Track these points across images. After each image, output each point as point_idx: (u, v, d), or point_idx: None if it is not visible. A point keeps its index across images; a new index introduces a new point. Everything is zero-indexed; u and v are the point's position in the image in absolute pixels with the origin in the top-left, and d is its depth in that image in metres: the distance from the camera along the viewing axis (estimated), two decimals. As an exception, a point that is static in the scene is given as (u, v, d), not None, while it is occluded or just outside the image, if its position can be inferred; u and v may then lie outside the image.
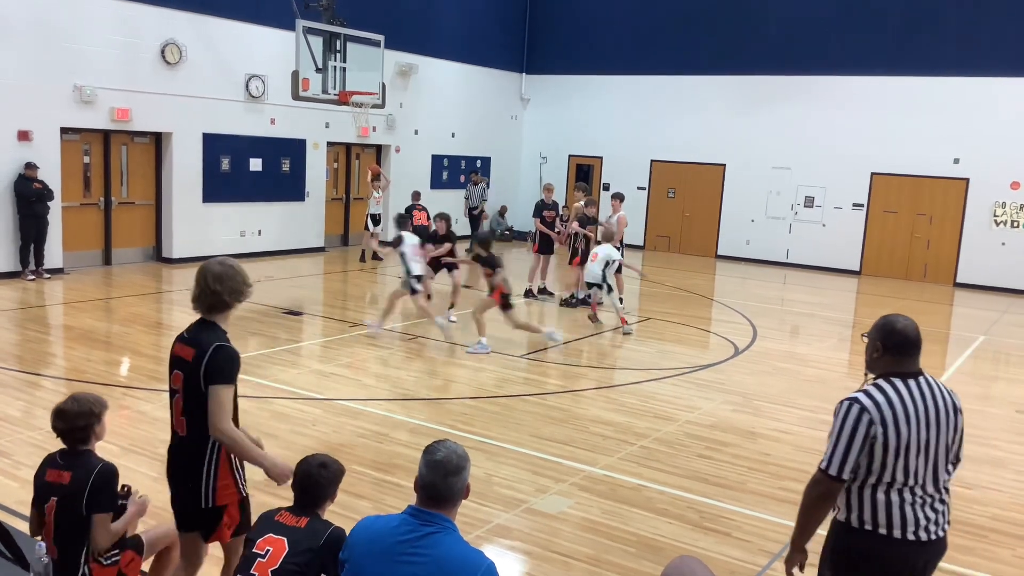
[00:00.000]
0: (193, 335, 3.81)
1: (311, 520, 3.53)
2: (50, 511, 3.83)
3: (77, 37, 13.80)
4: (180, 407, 3.81)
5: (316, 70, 13.81)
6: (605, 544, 5.38)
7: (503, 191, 23.55)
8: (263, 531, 3.51)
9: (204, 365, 3.69)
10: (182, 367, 3.78)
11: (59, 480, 3.83)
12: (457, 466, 2.97)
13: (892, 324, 3.43)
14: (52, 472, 3.88)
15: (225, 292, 3.81)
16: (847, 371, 10.52)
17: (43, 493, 3.88)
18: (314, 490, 3.60)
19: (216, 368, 3.69)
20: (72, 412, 3.89)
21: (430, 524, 2.92)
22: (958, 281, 18.61)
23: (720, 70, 20.73)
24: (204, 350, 3.71)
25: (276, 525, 3.52)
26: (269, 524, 3.54)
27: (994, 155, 17.86)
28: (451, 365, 9.67)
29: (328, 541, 3.43)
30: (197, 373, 3.70)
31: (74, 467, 3.84)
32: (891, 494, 3.33)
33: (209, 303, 3.82)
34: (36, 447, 6.47)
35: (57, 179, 13.77)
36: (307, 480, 3.61)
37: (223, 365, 3.71)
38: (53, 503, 3.82)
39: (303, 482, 3.62)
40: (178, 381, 3.81)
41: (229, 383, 3.73)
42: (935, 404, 3.36)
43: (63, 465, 3.87)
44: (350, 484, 5.98)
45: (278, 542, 3.43)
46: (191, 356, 3.75)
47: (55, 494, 3.82)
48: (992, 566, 5.42)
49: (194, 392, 3.73)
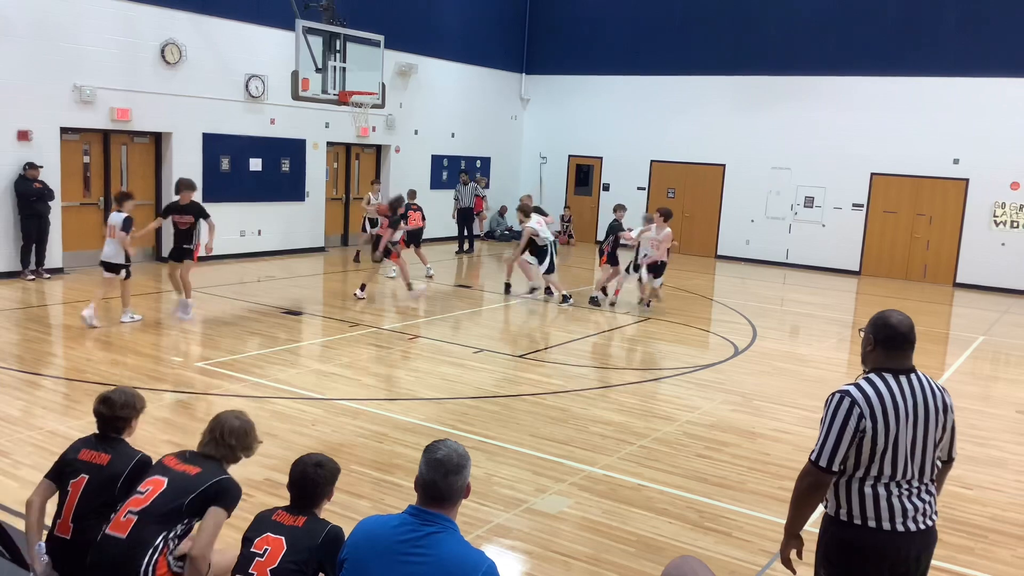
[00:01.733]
0: (194, 460, 3.86)
1: (308, 519, 3.53)
2: (76, 487, 3.91)
3: (77, 37, 13.80)
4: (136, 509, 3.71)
5: (316, 70, 13.80)
6: (605, 544, 5.37)
7: (503, 191, 23.55)
8: (260, 530, 3.51)
9: (212, 484, 3.73)
10: (167, 473, 3.78)
11: (95, 460, 3.96)
12: (458, 465, 2.96)
13: (885, 319, 3.46)
14: (88, 452, 4.00)
15: (239, 448, 3.92)
16: (847, 371, 10.52)
17: (72, 469, 3.97)
18: (311, 490, 3.61)
19: (226, 493, 3.76)
20: (119, 402, 4.09)
21: (431, 524, 2.91)
22: (958, 281, 18.61)
23: (720, 70, 20.73)
24: (214, 473, 3.78)
25: (273, 524, 3.52)
26: (266, 523, 3.54)
27: (994, 155, 17.86)
28: (450, 364, 9.66)
29: (326, 540, 3.44)
30: (194, 487, 3.72)
31: (113, 452, 4.00)
32: (878, 487, 3.36)
33: (221, 454, 3.89)
34: (36, 447, 6.47)
35: (57, 179, 13.77)
36: (303, 480, 3.61)
37: (234, 493, 3.79)
38: (83, 480, 3.91)
39: (300, 482, 3.62)
40: (156, 485, 3.76)
41: (229, 512, 3.79)
42: (925, 401, 3.39)
43: (102, 448, 4.02)
44: (350, 484, 5.99)
45: (276, 541, 3.44)
46: (194, 472, 3.78)
47: (88, 472, 3.93)
48: (992, 566, 5.42)
49: (168, 502, 3.69)
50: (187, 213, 10.90)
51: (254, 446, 3.98)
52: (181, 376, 8.67)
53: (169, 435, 7.05)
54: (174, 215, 10.96)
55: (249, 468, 6.26)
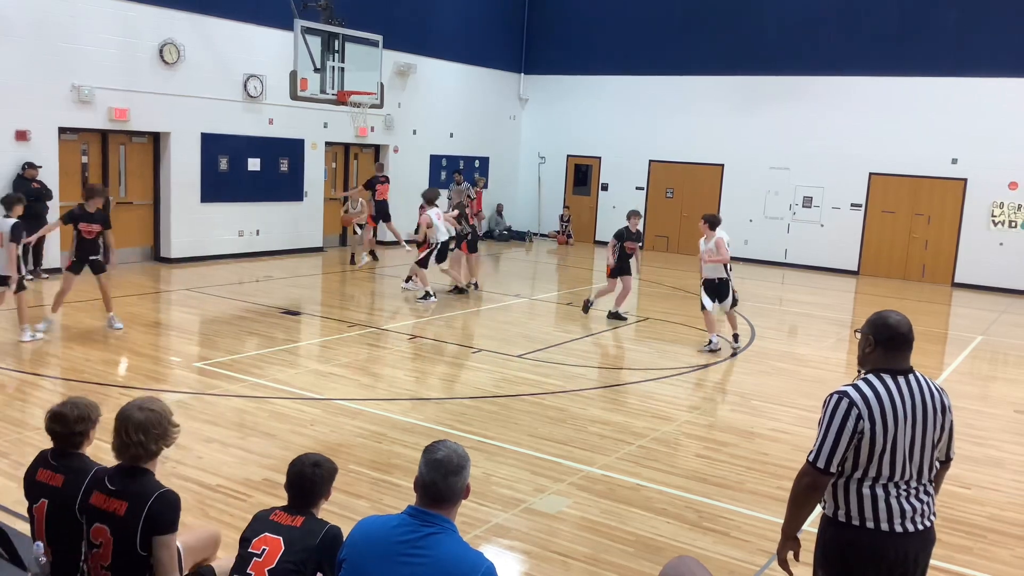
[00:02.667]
0: (121, 486, 3.48)
1: (307, 519, 3.52)
2: (40, 512, 3.78)
3: (75, 37, 13.79)
4: (104, 564, 3.50)
5: (314, 70, 13.80)
6: (604, 544, 5.38)
7: (501, 191, 23.56)
8: (258, 530, 3.49)
9: (144, 517, 3.40)
10: (108, 521, 3.45)
11: (51, 482, 3.78)
12: (458, 466, 2.96)
13: (884, 319, 3.46)
14: (44, 472, 3.82)
15: (150, 441, 3.51)
16: (845, 371, 10.52)
17: (34, 492, 3.84)
18: (308, 489, 3.59)
19: (162, 518, 3.42)
20: (71, 417, 3.83)
21: (430, 525, 2.91)
22: (956, 281, 18.62)
23: (718, 70, 20.74)
24: (143, 502, 3.41)
25: (271, 524, 3.50)
26: (264, 523, 3.52)
27: (992, 155, 17.87)
28: (449, 365, 9.66)
29: (324, 540, 3.42)
30: (133, 527, 3.40)
31: (68, 471, 3.77)
32: (876, 488, 3.35)
33: (133, 454, 3.51)
34: (35, 447, 6.44)
35: (55, 179, 13.76)
36: (301, 480, 3.60)
37: (168, 514, 3.45)
38: (43, 505, 3.77)
39: (297, 482, 3.60)
40: (102, 536, 3.46)
41: (174, 531, 3.49)
42: (923, 402, 3.38)
43: (56, 467, 3.80)
44: (348, 484, 5.99)
45: (274, 541, 3.42)
46: (124, 510, 3.43)
47: (46, 495, 3.77)
48: (991, 566, 5.43)
49: (126, 548, 3.43)
50: (95, 222, 9.92)
51: (170, 434, 3.58)
52: (180, 376, 8.67)
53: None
54: (81, 223, 9.89)
55: (248, 468, 6.27)
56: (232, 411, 7.60)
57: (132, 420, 3.49)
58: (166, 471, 6.18)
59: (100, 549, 3.49)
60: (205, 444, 6.72)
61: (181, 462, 6.33)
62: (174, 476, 6.08)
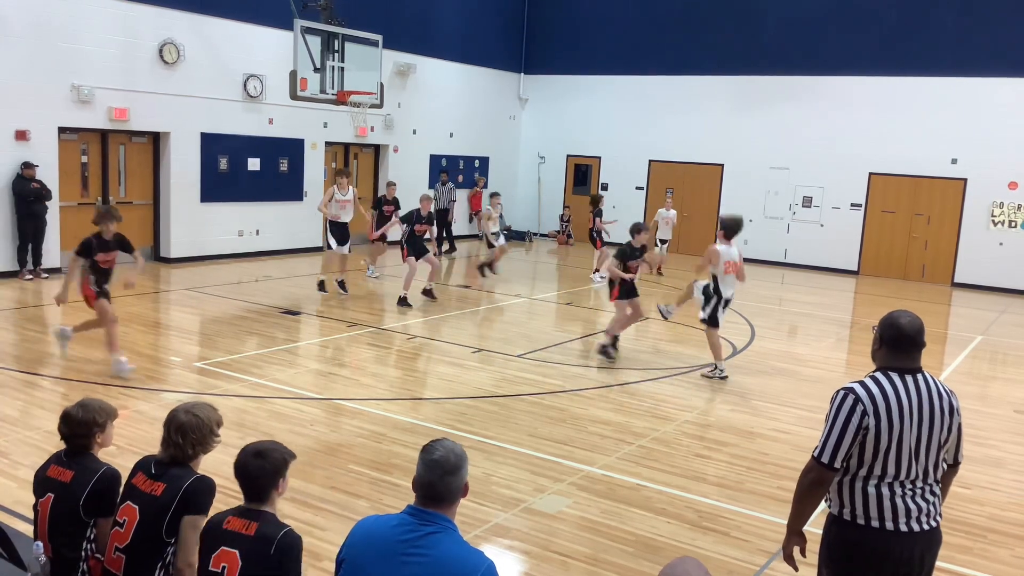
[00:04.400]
0: (161, 471, 3.63)
1: (260, 525, 3.33)
2: (45, 506, 3.83)
3: (75, 37, 13.78)
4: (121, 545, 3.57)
5: (314, 70, 13.79)
6: (603, 543, 5.37)
7: (501, 191, 23.46)
8: (214, 544, 3.34)
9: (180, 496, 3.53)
10: (142, 501, 3.56)
11: (60, 477, 3.84)
12: (455, 465, 2.95)
13: (894, 320, 3.46)
14: (55, 468, 3.89)
15: (187, 444, 3.62)
16: (845, 371, 10.53)
17: (42, 488, 3.88)
18: (253, 483, 3.39)
19: (193, 498, 3.55)
20: (76, 419, 3.89)
21: (429, 524, 2.91)
22: (956, 281, 18.62)
23: (719, 70, 20.74)
24: (181, 483, 3.56)
25: (226, 535, 3.33)
26: (219, 535, 3.34)
27: (992, 155, 17.87)
28: (449, 364, 9.66)
29: (279, 548, 3.28)
30: (166, 507, 3.52)
31: (77, 468, 3.85)
32: (882, 487, 3.36)
33: (172, 453, 3.64)
34: (34, 447, 6.46)
35: (55, 179, 13.76)
36: (243, 472, 3.40)
37: (203, 496, 3.58)
38: (49, 499, 3.82)
39: (240, 474, 3.41)
40: (129, 514, 3.54)
41: (205, 514, 3.56)
42: (930, 401, 3.38)
43: (67, 464, 3.88)
44: (348, 484, 5.99)
45: (231, 556, 3.29)
46: (161, 491, 3.56)
47: (53, 490, 3.82)
48: (990, 566, 5.43)
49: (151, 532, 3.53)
50: (111, 250, 8.67)
51: (209, 442, 3.67)
52: (180, 376, 8.67)
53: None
54: (99, 254, 8.55)
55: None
56: (232, 411, 7.59)
57: (175, 421, 3.65)
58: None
59: (123, 528, 3.55)
60: (205, 444, 6.71)
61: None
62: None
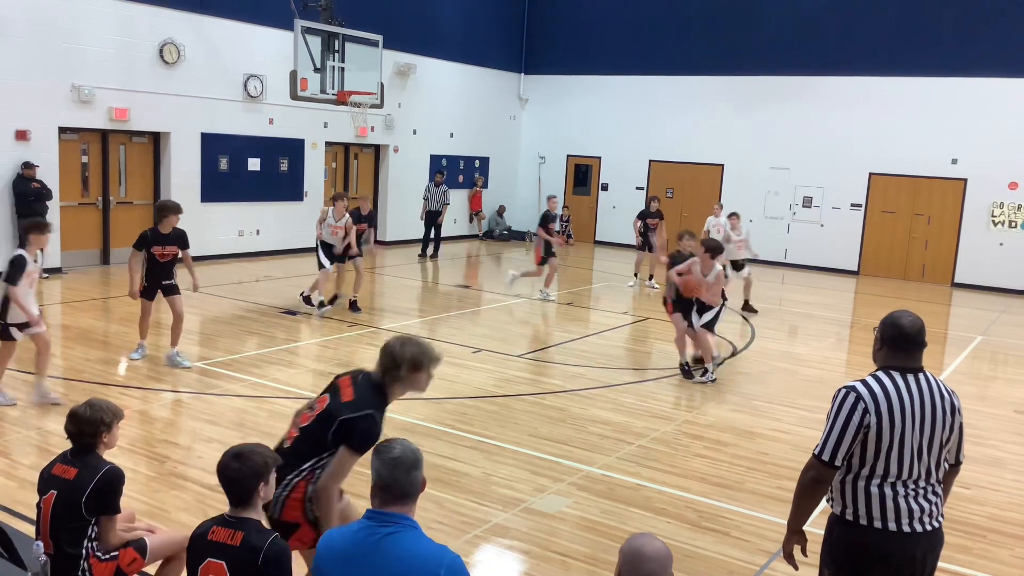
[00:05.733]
0: (358, 386, 3.99)
1: (246, 534, 3.26)
2: (47, 503, 3.85)
3: (75, 37, 13.79)
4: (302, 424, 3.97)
5: (314, 70, 13.80)
6: (603, 543, 5.37)
7: (501, 191, 23.56)
8: (201, 555, 3.28)
9: (345, 422, 3.85)
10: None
11: (64, 474, 3.88)
12: (415, 460, 3.01)
13: (895, 319, 3.47)
14: (60, 466, 3.93)
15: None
16: (845, 371, 10.53)
17: (45, 485, 3.92)
18: (234, 488, 3.31)
19: (351, 433, 3.86)
20: (83, 418, 3.93)
21: (388, 524, 2.93)
22: (956, 281, 18.62)
23: (719, 70, 20.74)
24: (357, 408, 3.87)
25: (212, 547, 3.26)
26: (205, 545, 3.28)
27: (992, 155, 17.87)
28: (449, 364, 9.66)
29: (266, 558, 3.22)
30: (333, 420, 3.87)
31: (81, 465, 3.89)
32: (884, 487, 3.36)
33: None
34: (34, 447, 6.47)
35: (55, 179, 13.76)
36: (223, 477, 3.32)
37: (359, 436, 3.88)
38: (52, 495, 3.85)
39: (220, 479, 3.33)
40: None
41: (358, 452, 3.90)
42: (932, 401, 3.38)
43: (71, 462, 3.93)
44: (347, 484, 5.96)
45: (218, 567, 3.23)
46: (347, 398, 3.92)
47: (56, 487, 3.86)
48: (990, 566, 5.43)
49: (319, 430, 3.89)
50: (169, 243, 8.81)
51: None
52: (180, 376, 8.67)
53: (168, 435, 7.06)
54: (155, 247, 8.73)
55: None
56: (232, 411, 7.60)
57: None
58: (166, 470, 6.18)
59: None
60: (205, 444, 6.72)
61: (182, 462, 6.33)
62: (175, 476, 6.08)
